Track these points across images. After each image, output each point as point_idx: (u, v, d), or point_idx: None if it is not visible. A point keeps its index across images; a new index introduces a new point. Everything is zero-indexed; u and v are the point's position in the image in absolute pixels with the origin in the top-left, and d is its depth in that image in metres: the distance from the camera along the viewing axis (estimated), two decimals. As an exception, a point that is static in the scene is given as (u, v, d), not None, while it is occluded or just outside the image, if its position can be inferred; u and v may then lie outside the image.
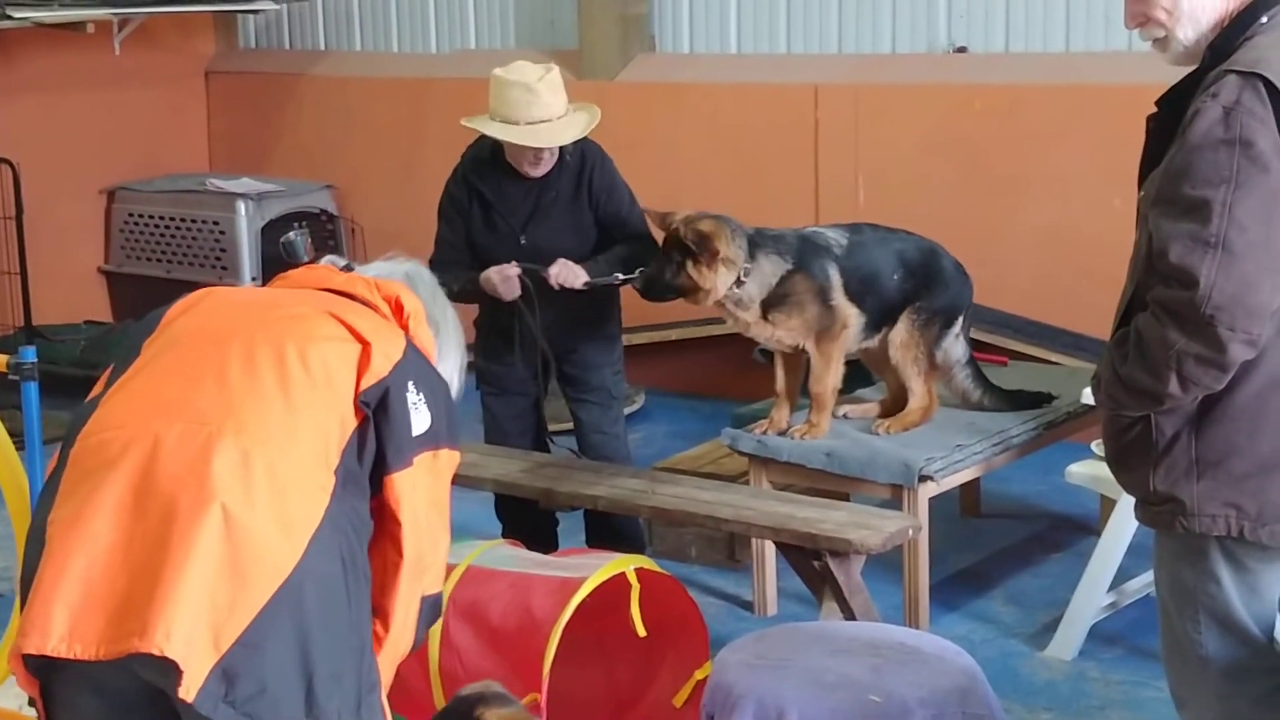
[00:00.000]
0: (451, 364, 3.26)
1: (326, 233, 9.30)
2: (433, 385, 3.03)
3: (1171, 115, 3.27)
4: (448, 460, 3.04)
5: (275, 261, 9.15)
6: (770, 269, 5.27)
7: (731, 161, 8.09)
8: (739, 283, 5.23)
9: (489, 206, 5.52)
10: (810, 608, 5.26)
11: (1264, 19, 3.22)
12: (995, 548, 6.13)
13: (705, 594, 5.62)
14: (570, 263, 5.41)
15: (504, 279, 5.41)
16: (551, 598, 4.33)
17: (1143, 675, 4.97)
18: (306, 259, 9.18)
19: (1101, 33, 7.30)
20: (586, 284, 5.40)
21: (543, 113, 5.34)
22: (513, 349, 5.60)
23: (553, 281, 5.38)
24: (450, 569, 4.60)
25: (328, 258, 3.34)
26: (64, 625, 2.64)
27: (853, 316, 5.31)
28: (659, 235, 5.50)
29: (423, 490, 2.96)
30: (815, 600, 5.06)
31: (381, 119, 9.32)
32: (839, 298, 5.29)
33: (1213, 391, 3.18)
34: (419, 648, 3.20)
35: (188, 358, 2.91)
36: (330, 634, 2.75)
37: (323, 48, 9.82)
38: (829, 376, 5.30)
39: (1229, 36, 3.22)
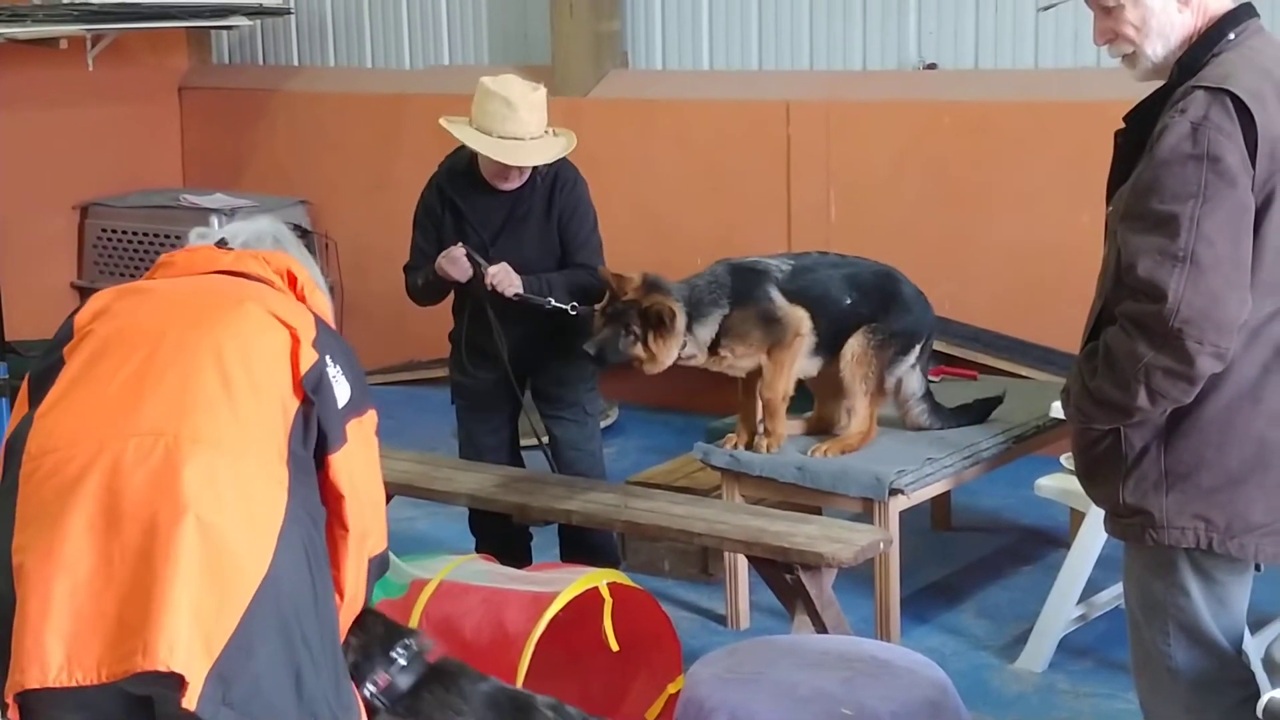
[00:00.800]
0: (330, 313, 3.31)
1: (300, 248, 9.29)
2: (344, 352, 3.12)
3: (1140, 131, 3.31)
4: (370, 421, 3.16)
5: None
6: (708, 326, 5.28)
7: (704, 177, 8.12)
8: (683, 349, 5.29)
9: (461, 216, 5.56)
10: (783, 621, 5.28)
11: (1231, 35, 3.26)
12: (966, 561, 6.16)
13: (678, 608, 5.64)
14: (510, 269, 5.43)
15: (451, 260, 5.46)
16: (524, 612, 4.35)
17: (1112, 687, 5.00)
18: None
19: (1070, 49, 7.35)
20: (517, 295, 5.43)
21: (518, 130, 5.35)
22: (486, 363, 5.62)
23: (488, 280, 5.42)
24: (423, 584, 4.62)
25: (195, 231, 3.33)
26: (60, 655, 2.66)
27: (804, 321, 5.26)
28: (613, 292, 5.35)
29: (358, 460, 3.06)
30: (787, 614, 5.08)
31: (355, 134, 9.33)
32: (784, 306, 5.26)
33: (1181, 404, 3.21)
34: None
35: (122, 364, 2.92)
36: (306, 624, 2.81)
37: (296, 63, 9.82)
38: (779, 382, 5.28)
39: (1197, 53, 3.26)
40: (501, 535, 5.66)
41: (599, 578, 4.44)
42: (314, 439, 2.96)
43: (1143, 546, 3.38)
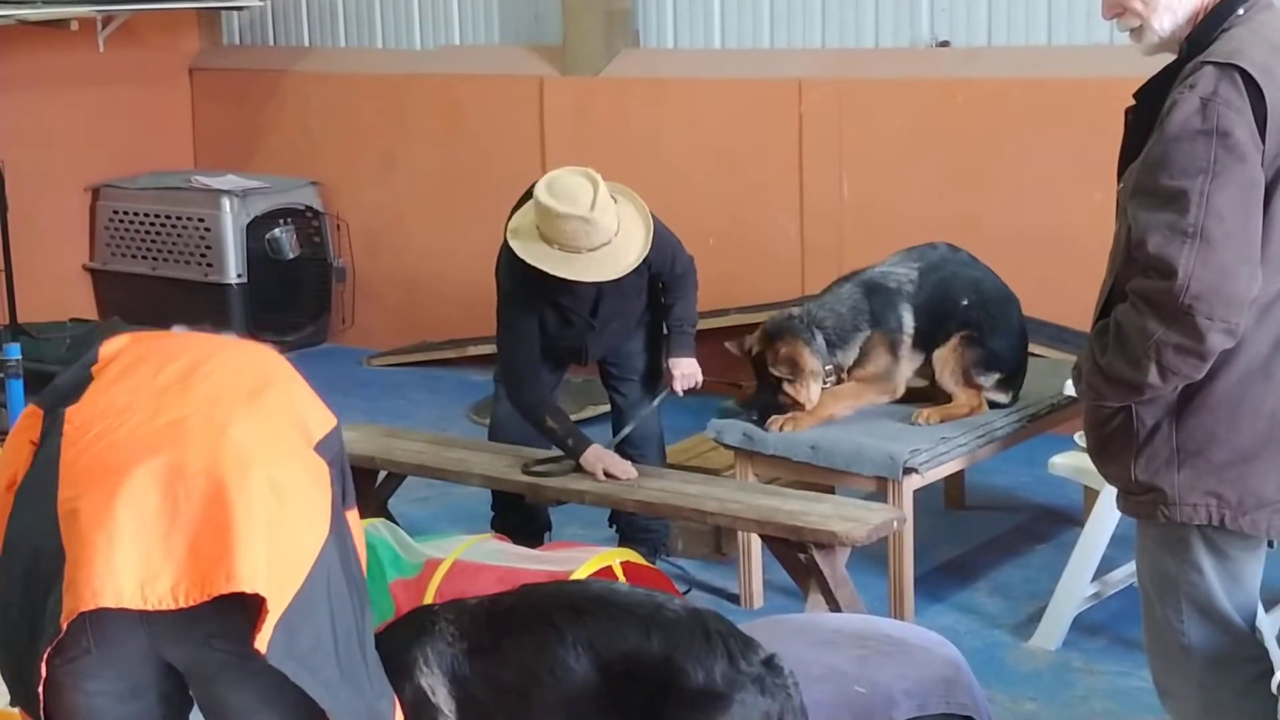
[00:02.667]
0: None
1: (312, 229, 9.31)
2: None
3: (1150, 107, 3.30)
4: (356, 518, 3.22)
5: (261, 258, 9.23)
6: (851, 351, 5.46)
7: (716, 156, 8.11)
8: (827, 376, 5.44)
9: (554, 295, 5.36)
10: (796, 600, 5.28)
11: (1240, 10, 3.24)
12: (979, 539, 6.15)
13: (693, 587, 5.64)
14: (689, 375, 5.60)
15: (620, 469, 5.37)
16: (539, 592, 4.35)
17: (1126, 665, 5.00)
18: (292, 255, 9.30)
19: (1083, 26, 7.32)
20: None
21: (603, 236, 5.16)
22: (552, 362, 5.64)
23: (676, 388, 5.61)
24: (436, 563, 4.63)
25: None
26: (133, 581, 2.70)
27: (903, 383, 5.50)
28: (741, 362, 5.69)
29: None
30: (801, 592, 5.09)
31: (366, 115, 9.33)
32: (904, 357, 5.49)
33: (1192, 381, 3.20)
34: None
35: (164, 365, 3.00)
36: (344, 616, 2.89)
37: (307, 44, 9.81)
38: (844, 406, 5.44)
39: (1206, 28, 3.24)
40: (518, 512, 5.67)
41: (612, 556, 4.45)
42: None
43: (1155, 524, 3.37)
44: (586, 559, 4.42)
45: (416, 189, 9.01)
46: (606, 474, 5.27)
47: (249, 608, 2.73)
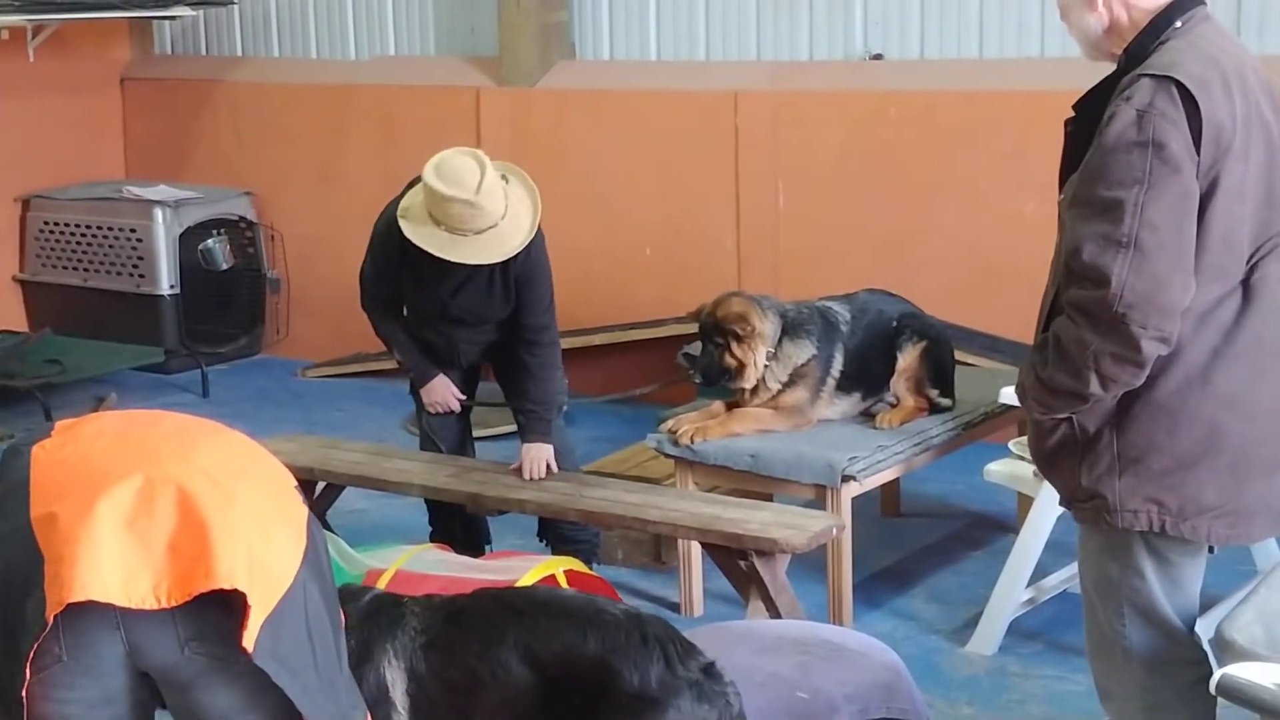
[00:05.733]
0: None
1: (245, 240, 9.27)
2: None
3: (1088, 119, 3.35)
4: None
5: (194, 269, 9.18)
6: (798, 353, 5.48)
7: (653, 167, 8.14)
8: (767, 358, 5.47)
9: (420, 268, 5.41)
10: (736, 608, 5.32)
11: (1178, 23, 3.31)
12: (915, 546, 6.21)
13: (632, 596, 5.64)
14: (537, 461, 5.45)
15: (444, 402, 5.61)
16: (482, 601, 4.36)
17: (1062, 669, 5.06)
18: (226, 265, 9.26)
19: (1014, 39, 7.41)
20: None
21: (487, 220, 5.19)
22: (441, 363, 5.67)
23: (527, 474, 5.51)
24: (378, 574, 4.63)
25: None
26: (116, 579, 2.71)
27: (816, 419, 5.54)
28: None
29: None
30: (741, 600, 5.12)
31: (300, 125, 9.30)
32: (825, 393, 5.55)
33: (1132, 387, 3.26)
34: None
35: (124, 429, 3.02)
36: (322, 629, 2.91)
37: (240, 54, 9.77)
38: (752, 427, 5.47)
39: (1144, 41, 3.31)
40: (458, 523, 5.68)
41: (555, 565, 4.47)
42: None
43: (1098, 530, 3.43)
44: (529, 568, 4.44)
45: (352, 200, 8.98)
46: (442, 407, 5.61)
47: (228, 611, 2.74)
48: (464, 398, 5.70)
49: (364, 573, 4.66)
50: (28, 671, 2.73)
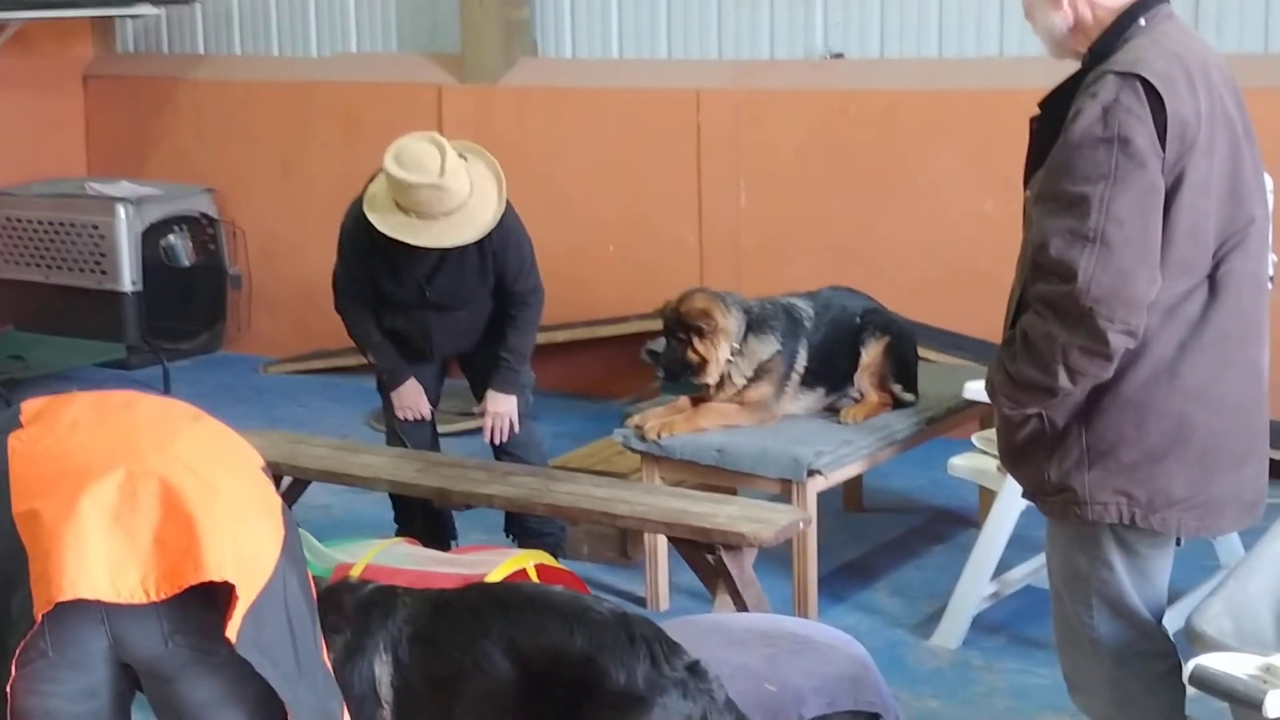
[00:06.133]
0: None
1: (207, 236, 9.25)
2: None
3: (1054, 116, 3.39)
4: None
5: (156, 265, 9.15)
6: (754, 354, 5.51)
7: (615, 165, 8.17)
8: (731, 353, 5.50)
9: (391, 257, 5.43)
10: (702, 602, 5.35)
11: (1142, 21, 3.35)
12: (879, 541, 6.26)
13: (598, 590, 5.64)
14: (501, 415, 5.58)
15: (415, 408, 5.66)
16: (451, 594, 4.37)
17: (1026, 663, 5.11)
18: (188, 262, 9.24)
19: (973, 39, 7.47)
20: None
21: (454, 201, 5.23)
22: (412, 356, 5.70)
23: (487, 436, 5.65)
24: (347, 568, 4.63)
25: None
26: (104, 575, 2.71)
27: (780, 414, 5.58)
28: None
29: None
30: (708, 594, 5.15)
31: (262, 122, 9.29)
32: (790, 388, 5.59)
33: (1101, 381, 3.29)
34: None
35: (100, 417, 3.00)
36: (302, 620, 2.93)
37: (202, 51, 9.76)
38: (716, 422, 5.50)
39: (1109, 39, 3.35)
40: (424, 518, 5.70)
41: (525, 559, 4.49)
42: None
43: (1067, 522, 3.46)
44: (500, 561, 4.46)
45: (314, 196, 8.97)
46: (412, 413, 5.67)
47: (209, 602, 2.75)
48: (432, 407, 5.72)
49: (333, 567, 4.66)
50: (13, 669, 2.73)
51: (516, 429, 5.58)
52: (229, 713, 2.87)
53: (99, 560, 2.70)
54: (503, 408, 5.58)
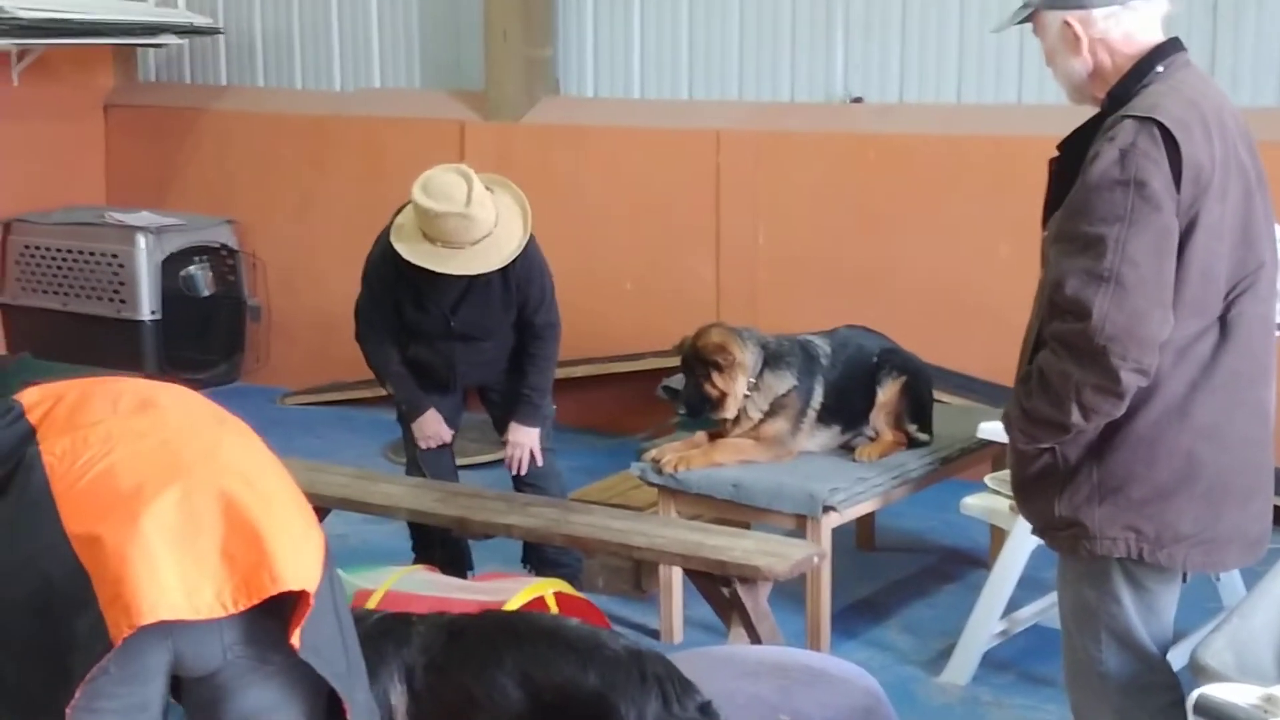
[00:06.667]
0: None
1: (227, 267, 9.33)
2: None
3: (1073, 158, 3.45)
4: None
5: (175, 295, 9.22)
6: (770, 389, 5.58)
7: (635, 203, 8.25)
8: (748, 388, 5.56)
9: (417, 287, 5.53)
10: (715, 636, 5.40)
11: (1160, 68, 3.42)
12: (891, 579, 6.31)
13: (613, 622, 5.68)
14: (523, 445, 5.68)
15: (436, 436, 5.70)
16: (471, 621, 4.42)
17: (1034, 699, 5.15)
18: (207, 292, 9.30)
19: (992, 85, 7.54)
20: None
21: (480, 230, 5.34)
22: (434, 388, 5.78)
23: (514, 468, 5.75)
24: (368, 593, 4.69)
25: None
26: (179, 594, 2.75)
27: (797, 450, 5.64)
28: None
29: None
30: (722, 627, 5.21)
31: (284, 155, 9.37)
32: (806, 425, 5.64)
33: (1113, 418, 3.35)
34: None
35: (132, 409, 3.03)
36: (347, 623, 3.01)
37: (224, 83, 9.84)
38: (733, 457, 5.56)
39: (1128, 84, 3.42)
40: (442, 547, 5.75)
41: (545, 587, 4.54)
42: None
43: (1077, 557, 3.51)
44: (519, 589, 4.50)
45: (334, 229, 9.06)
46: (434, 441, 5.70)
47: (267, 612, 2.80)
48: (450, 436, 5.79)
49: (353, 593, 4.71)
50: (78, 691, 2.74)
51: (539, 461, 5.66)
52: None
53: (173, 581, 2.73)
54: (525, 439, 5.68)
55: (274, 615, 2.81)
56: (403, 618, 3.79)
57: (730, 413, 5.56)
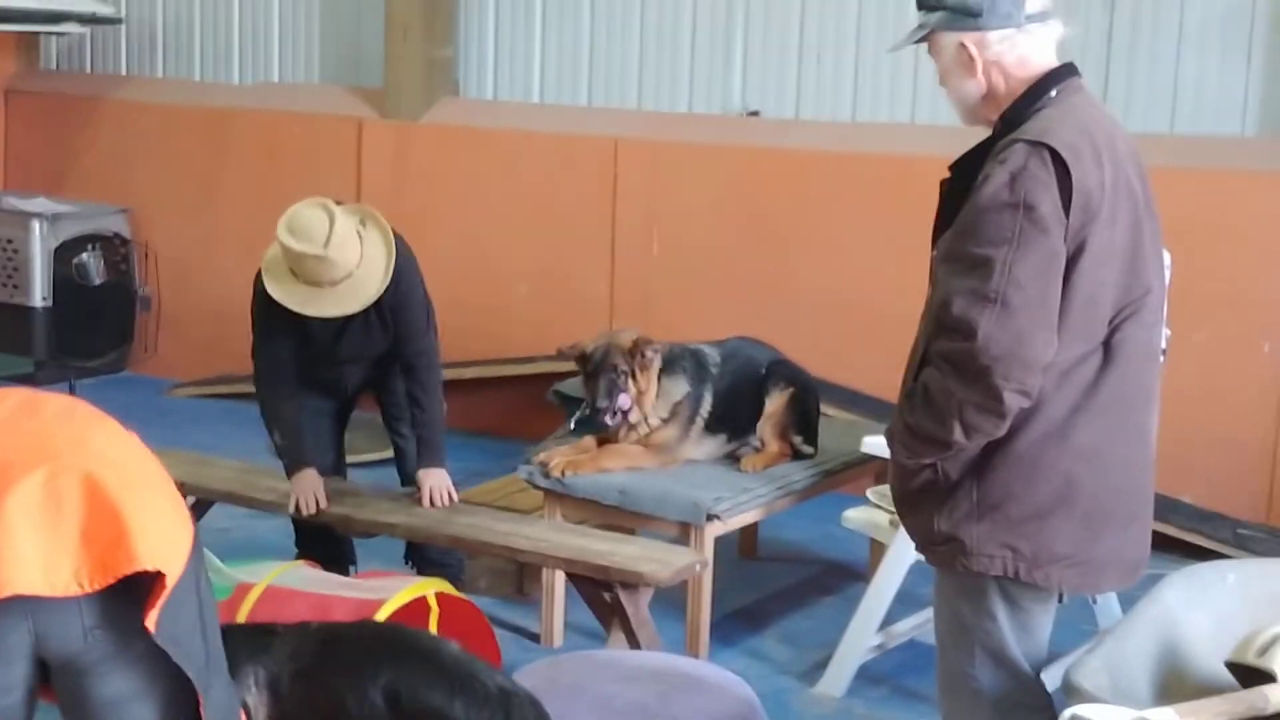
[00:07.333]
0: None
1: (119, 256, 9.25)
2: None
3: (964, 179, 3.48)
4: None
5: (67, 282, 9.11)
6: (667, 398, 5.63)
7: (531, 207, 8.26)
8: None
9: (302, 324, 5.46)
10: (595, 640, 5.42)
11: (1053, 93, 3.45)
12: (771, 589, 6.36)
13: (494, 625, 5.66)
14: (438, 488, 5.52)
15: (307, 502, 5.50)
16: (351, 618, 4.41)
17: (907, 713, 5.21)
18: (98, 281, 9.21)
19: (886, 105, 7.64)
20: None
21: (341, 271, 5.25)
22: (323, 392, 5.76)
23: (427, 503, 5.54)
24: (249, 588, 4.67)
25: None
26: (37, 570, 2.76)
27: (683, 458, 5.69)
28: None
29: None
30: (602, 633, 5.23)
31: (181, 146, 9.31)
32: (694, 433, 5.70)
33: (994, 437, 3.38)
34: None
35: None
36: (209, 613, 3.00)
37: (125, 73, 9.77)
38: (620, 463, 5.59)
39: (1020, 107, 3.45)
40: (325, 543, 5.73)
41: (426, 586, 4.54)
42: None
43: (954, 573, 3.54)
44: (400, 588, 4.50)
45: (230, 222, 9.00)
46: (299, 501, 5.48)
47: (128, 597, 2.81)
48: (327, 501, 5.57)
49: (233, 586, 4.69)
50: None
51: (454, 497, 5.57)
52: (139, 708, 2.92)
53: (32, 557, 2.75)
54: (436, 481, 5.57)
55: (137, 602, 2.82)
56: (265, 627, 3.78)
57: (648, 412, 5.59)
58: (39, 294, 8.90)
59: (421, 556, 5.83)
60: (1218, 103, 7.03)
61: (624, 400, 5.54)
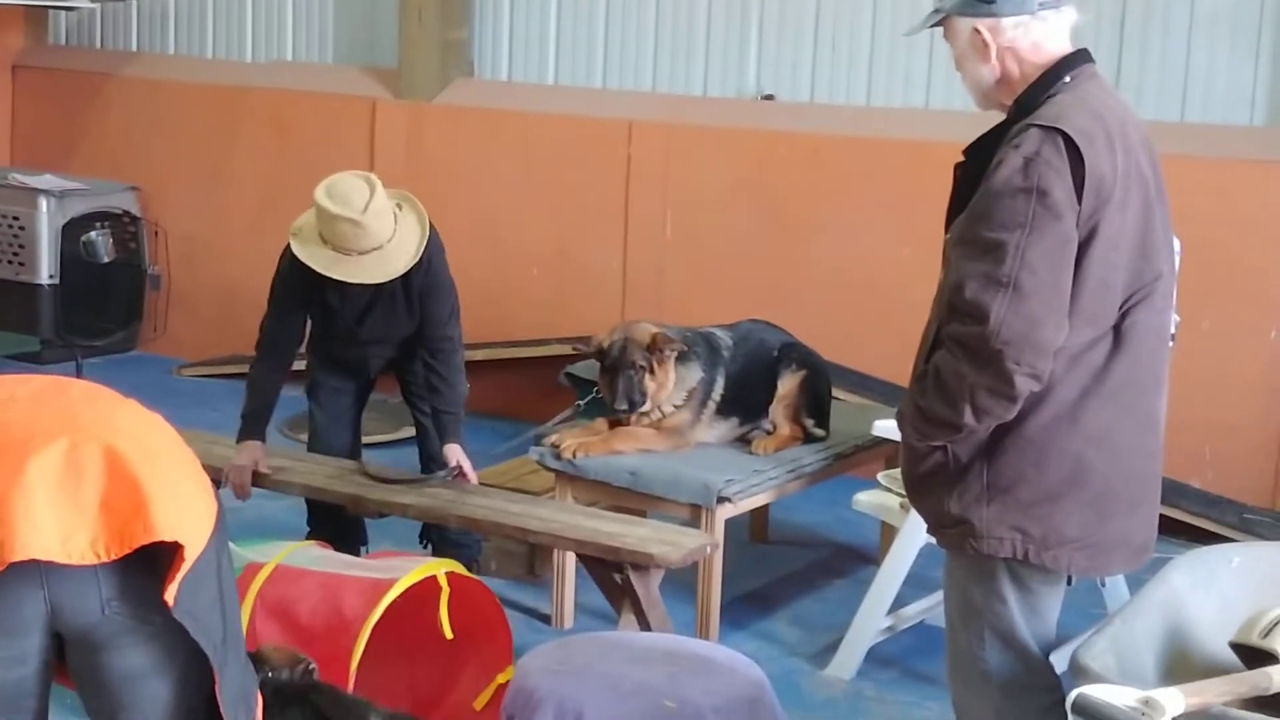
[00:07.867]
0: None
1: (128, 234, 9.24)
2: None
3: (978, 164, 3.49)
4: None
5: (75, 260, 9.12)
6: (683, 383, 5.63)
7: (544, 189, 8.26)
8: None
9: (324, 296, 5.51)
10: (605, 622, 5.43)
11: (1067, 79, 3.47)
12: (781, 572, 6.37)
13: (504, 606, 5.70)
14: (465, 473, 5.54)
15: (239, 476, 5.56)
16: (362, 597, 4.42)
17: (916, 695, 5.22)
18: (107, 259, 9.20)
19: (901, 90, 7.63)
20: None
21: (373, 240, 5.29)
22: (346, 373, 5.79)
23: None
24: (258, 567, 4.67)
25: None
26: (55, 537, 2.78)
27: (695, 441, 5.68)
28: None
29: None
30: (613, 614, 5.23)
31: (191, 124, 9.30)
32: (706, 416, 5.68)
33: (1005, 421, 3.40)
34: None
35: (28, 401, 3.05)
36: (228, 575, 3.03)
37: (135, 49, 9.76)
38: (632, 445, 5.58)
39: (1034, 93, 3.46)
40: (337, 523, 5.74)
41: (437, 566, 4.53)
42: None
43: (964, 555, 3.55)
44: (411, 568, 4.49)
45: (240, 201, 9.00)
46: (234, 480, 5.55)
47: (148, 571, 2.82)
48: (251, 489, 5.65)
49: (243, 565, 4.69)
50: None
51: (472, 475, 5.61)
52: (155, 684, 2.93)
53: (49, 524, 2.77)
54: (463, 456, 5.62)
55: (156, 577, 2.82)
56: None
57: (663, 401, 5.60)
58: (45, 272, 8.89)
59: (440, 536, 5.84)
60: (1227, 92, 7.03)
61: (641, 397, 5.56)
